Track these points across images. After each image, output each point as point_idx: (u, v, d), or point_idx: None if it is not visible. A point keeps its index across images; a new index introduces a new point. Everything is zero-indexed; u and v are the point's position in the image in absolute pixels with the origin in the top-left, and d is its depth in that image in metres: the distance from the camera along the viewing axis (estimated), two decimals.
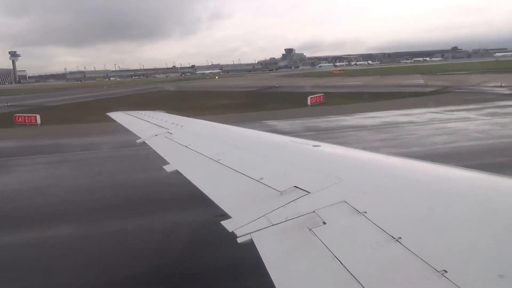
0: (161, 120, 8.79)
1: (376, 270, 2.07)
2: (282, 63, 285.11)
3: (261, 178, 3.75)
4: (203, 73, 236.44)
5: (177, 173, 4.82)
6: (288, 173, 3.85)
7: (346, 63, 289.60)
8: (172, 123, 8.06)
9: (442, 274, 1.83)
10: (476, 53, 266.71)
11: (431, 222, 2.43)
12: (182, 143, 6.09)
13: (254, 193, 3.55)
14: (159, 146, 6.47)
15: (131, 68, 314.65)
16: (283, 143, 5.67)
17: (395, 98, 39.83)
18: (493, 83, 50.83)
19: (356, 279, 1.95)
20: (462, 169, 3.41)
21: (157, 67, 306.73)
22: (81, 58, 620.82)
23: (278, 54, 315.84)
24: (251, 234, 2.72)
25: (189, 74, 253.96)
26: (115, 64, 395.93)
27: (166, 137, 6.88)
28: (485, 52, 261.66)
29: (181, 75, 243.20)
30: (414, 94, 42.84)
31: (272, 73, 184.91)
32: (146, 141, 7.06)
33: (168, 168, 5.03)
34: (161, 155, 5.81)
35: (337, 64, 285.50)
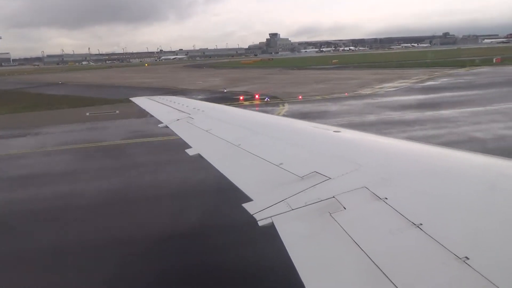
0: (183, 105, 8.91)
1: (396, 255, 2.06)
2: (264, 49, 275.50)
3: (281, 163, 3.77)
4: (166, 58, 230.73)
5: (199, 156, 4.86)
6: (308, 159, 3.86)
7: (333, 48, 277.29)
8: (193, 108, 8.13)
9: (464, 261, 1.82)
10: (466, 39, 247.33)
11: (453, 209, 2.41)
12: (203, 127, 6.16)
13: (274, 177, 3.53)
14: (181, 130, 6.50)
15: (117, 52, 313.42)
16: (302, 129, 5.68)
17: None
18: (242, 87, 41.79)
19: (376, 264, 1.95)
20: (485, 155, 3.35)
21: (133, 51, 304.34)
22: (75, 40, 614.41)
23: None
24: (272, 217, 2.74)
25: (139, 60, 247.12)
26: (89, 48, 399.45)
27: (187, 121, 6.94)
28: (474, 38, 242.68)
29: (156, 60, 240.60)
30: (106, 102, 35.19)
31: (230, 60, 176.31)
32: (169, 126, 7.03)
33: (190, 152, 5.07)
34: (184, 139, 5.80)
35: (323, 49, 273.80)
